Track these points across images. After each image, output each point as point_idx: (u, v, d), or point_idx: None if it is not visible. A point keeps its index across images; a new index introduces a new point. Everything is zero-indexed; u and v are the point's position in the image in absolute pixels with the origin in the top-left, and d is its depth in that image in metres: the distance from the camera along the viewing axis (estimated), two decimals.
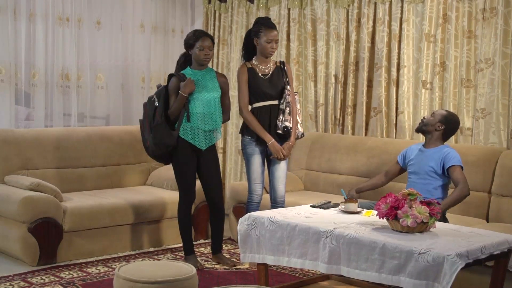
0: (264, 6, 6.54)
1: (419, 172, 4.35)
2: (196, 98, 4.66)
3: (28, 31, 6.08)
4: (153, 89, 6.96)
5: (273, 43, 4.68)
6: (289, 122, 4.68)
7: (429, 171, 4.29)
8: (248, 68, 4.75)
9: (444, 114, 4.39)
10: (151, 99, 4.70)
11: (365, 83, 5.75)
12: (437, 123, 4.36)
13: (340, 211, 3.95)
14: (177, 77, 4.68)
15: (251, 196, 4.80)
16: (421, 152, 4.40)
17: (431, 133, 4.38)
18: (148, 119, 4.67)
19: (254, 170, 4.77)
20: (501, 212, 4.59)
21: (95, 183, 5.65)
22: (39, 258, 4.69)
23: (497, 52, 4.91)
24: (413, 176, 4.40)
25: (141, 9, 6.95)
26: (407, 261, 3.07)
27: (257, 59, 4.78)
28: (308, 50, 6.17)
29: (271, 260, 3.70)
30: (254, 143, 4.74)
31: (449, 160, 4.24)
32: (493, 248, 3.24)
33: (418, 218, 3.29)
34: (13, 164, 5.21)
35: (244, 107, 4.73)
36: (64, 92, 6.32)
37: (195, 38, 4.69)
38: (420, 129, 4.44)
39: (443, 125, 4.36)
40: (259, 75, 4.73)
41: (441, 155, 4.27)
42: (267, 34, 4.66)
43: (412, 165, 4.42)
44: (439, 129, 4.36)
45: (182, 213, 4.82)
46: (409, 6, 5.44)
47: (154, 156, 4.78)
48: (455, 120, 4.46)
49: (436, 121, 4.36)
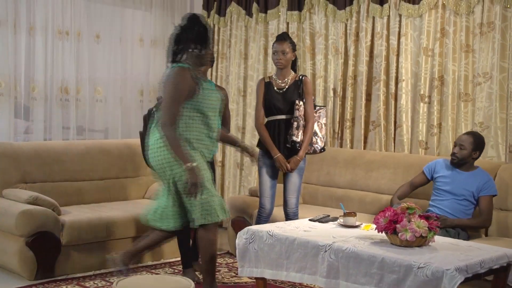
0: (263, 20, 6.56)
1: (456, 193, 4.43)
2: None
3: (28, 45, 6.10)
4: (152, 102, 6.98)
5: (279, 54, 4.71)
6: (296, 137, 4.68)
7: (468, 195, 4.41)
8: (265, 82, 4.80)
9: (472, 141, 4.43)
10: (151, 111, 4.71)
11: (364, 96, 5.76)
12: (472, 153, 4.43)
13: (339, 225, 3.95)
14: None
15: (260, 209, 4.84)
16: (457, 173, 4.47)
17: (467, 163, 4.47)
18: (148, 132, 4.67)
19: (262, 183, 4.82)
20: (500, 226, 4.59)
21: (94, 196, 5.64)
22: (37, 272, 4.67)
23: (494, 66, 4.93)
24: (448, 195, 4.46)
25: (140, 23, 6.98)
26: (406, 276, 3.06)
27: (276, 73, 4.85)
28: (307, 64, 6.19)
29: (270, 274, 3.69)
30: (265, 156, 4.78)
31: (486, 188, 4.38)
32: (493, 263, 3.24)
33: (417, 232, 3.29)
34: (12, 178, 5.19)
35: (257, 120, 4.79)
36: (63, 105, 6.32)
37: None
38: (458, 165, 4.48)
39: (477, 151, 4.45)
40: (274, 89, 4.76)
41: (481, 182, 4.38)
42: (274, 46, 4.78)
43: (447, 183, 4.49)
44: (475, 156, 4.46)
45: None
46: (407, 21, 5.46)
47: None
48: (483, 140, 4.53)
49: (470, 151, 4.42)
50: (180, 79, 3.86)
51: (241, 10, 6.78)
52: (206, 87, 3.98)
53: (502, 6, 4.90)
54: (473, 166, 4.50)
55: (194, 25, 3.96)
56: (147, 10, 7.04)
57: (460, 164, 4.47)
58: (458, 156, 4.43)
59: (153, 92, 7.02)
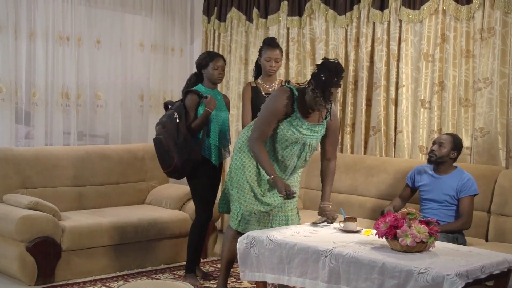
0: (263, 25, 6.57)
1: (437, 199, 4.43)
2: (213, 115, 4.75)
3: (29, 50, 6.10)
4: (152, 107, 7.00)
5: (272, 61, 4.72)
6: None
7: (449, 199, 4.40)
8: (252, 87, 4.81)
9: (451, 140, 4.46)
10: (172, 116, 4.67)
11: (364, 102, 5.77)
12: (450, 152, 4.44)
13: (340, 230, 3.94)
14: (195, 93, 4.73)
15: None
16: (436, 179, 4.47)
17: (445, 162, 4.47)
18: (172, 136, 4.65)
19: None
20: (501, 231, 4.59)
21: (94, 201, 5.64)
22: (37, 278, 4.67)
23: (495, 72, 4.94)
24: (432, 203, 4.46)
25: (140, 28, 6.99)
26: (407, 281, 3.06)
27: (262, 78, 4.85)
28: (307, 69, 6.19)
29: (271, 278, 3.69)
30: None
31: (465, 189, 4.37)
32: (493, 268, 3.23)
33: (418, 238, 3.29)
34: (12, 183, 5.20)
35: (246, 125, 4.76)
36: (64, 110, 6.32)
37: (209, 59, 4.85)
38: (435, 163, 4.48)
39: (455, 151, 4.45)
40: (262, 93, 4.77)
41: (459, 183, 4.37)
42: (267, 53, 4.75)
43: (427, 191, 4.49)
44: (453, 156, 4.45)
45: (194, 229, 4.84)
46: (407, 26, 5.47)
47: (182, 172, 4.73)
48: (461, 141, 4.56)
49: (449, 150, 4.43)
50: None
51: (242, 15, 6.79)
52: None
53: (502, 11, 4.90)
54: (451, 167, 4.50)
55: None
56: (147, 15, 7.05)
57: (438, 163, 4.46)
58: (436, 154, 4.43)
59: (154, 97, 7.02)
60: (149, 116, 6.97)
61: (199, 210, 4.84)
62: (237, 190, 4.08)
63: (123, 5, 6.81)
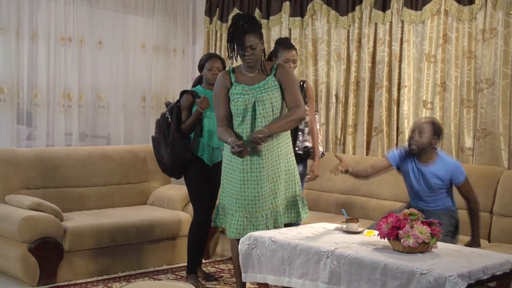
0: (266, 26, 6.57)
1: (426, 189, 4.30)
2: (207, 115, 4.73)
3: (31, 51, 6.11)
4: (154, 108, 7.00)
5: (290, 62, 4.66)
6: (309, 142, 4.65)
7: (437, 188, 4.28)
8: None
9: (431, 127, 4.27)
10: (165, 115, 4.78)
11: (366, 102, 5.77)
12: (432, 140, 4.27)
13: (341, 231, 3.94)
14: (190, 93, 4.77)
15: None
16: (421, 171, 4.32)
17: (427, 151, 4.30)
18: (163, 135, 4.74)
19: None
20: (503, 232, 4.58)
21: (96, 202, 5.64)
22: (39, 278, 4.66)
23: (497, 73, 4.93)
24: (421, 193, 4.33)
25: (142, 29, 7.00)
26: (409, 282, 3.05)
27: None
28: (309, 70, 6.20)
29: (272, 280, 3.68)
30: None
31: (457, 176, 4.24)
32: (495, 269, 3.23)
33: (420, 238, 3.28)
34: (14, 184, 5.20)
35: None
36: (66, 111, 6.33)
37: (206, 59, 4.86)
38: (418, 153, 4.31)
39: (436, 137, 4.29)
40: None
41: (448, 171, 4.23)
42: (285, 54, 4.60)
43: (413, 182, 4.34)
44: (434, 143, 4.29)
45: (193, 229, 4.83)
46: (409, 27, 5.47)
47: (171, 170, 4.81)
48: (441, 125, 4.43)
49: (430, 138, 4.26)
50: None
51: None
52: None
53: (504, 12, 4.90)
54: (434, 154, 4.30)
55: None
56: (149, 16, 7.06)
57: (420, 154, 4.28)
58: (418, 142, 4.24)
59: (155, 98, 7.03)
60: (151, 117, 6.96)
61: (196, 210, 4.83)
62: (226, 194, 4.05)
63: (125, 6, 6.82)
